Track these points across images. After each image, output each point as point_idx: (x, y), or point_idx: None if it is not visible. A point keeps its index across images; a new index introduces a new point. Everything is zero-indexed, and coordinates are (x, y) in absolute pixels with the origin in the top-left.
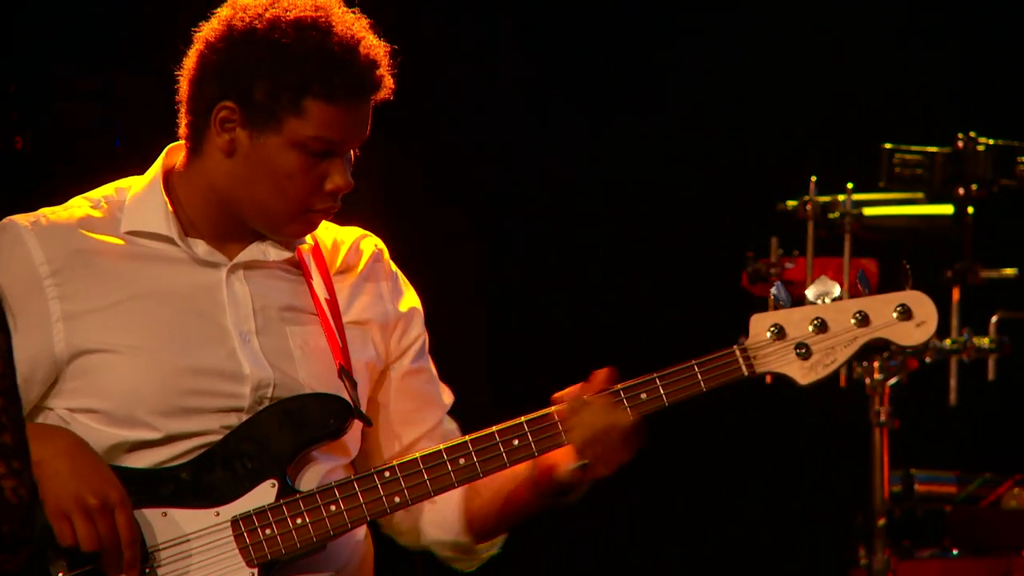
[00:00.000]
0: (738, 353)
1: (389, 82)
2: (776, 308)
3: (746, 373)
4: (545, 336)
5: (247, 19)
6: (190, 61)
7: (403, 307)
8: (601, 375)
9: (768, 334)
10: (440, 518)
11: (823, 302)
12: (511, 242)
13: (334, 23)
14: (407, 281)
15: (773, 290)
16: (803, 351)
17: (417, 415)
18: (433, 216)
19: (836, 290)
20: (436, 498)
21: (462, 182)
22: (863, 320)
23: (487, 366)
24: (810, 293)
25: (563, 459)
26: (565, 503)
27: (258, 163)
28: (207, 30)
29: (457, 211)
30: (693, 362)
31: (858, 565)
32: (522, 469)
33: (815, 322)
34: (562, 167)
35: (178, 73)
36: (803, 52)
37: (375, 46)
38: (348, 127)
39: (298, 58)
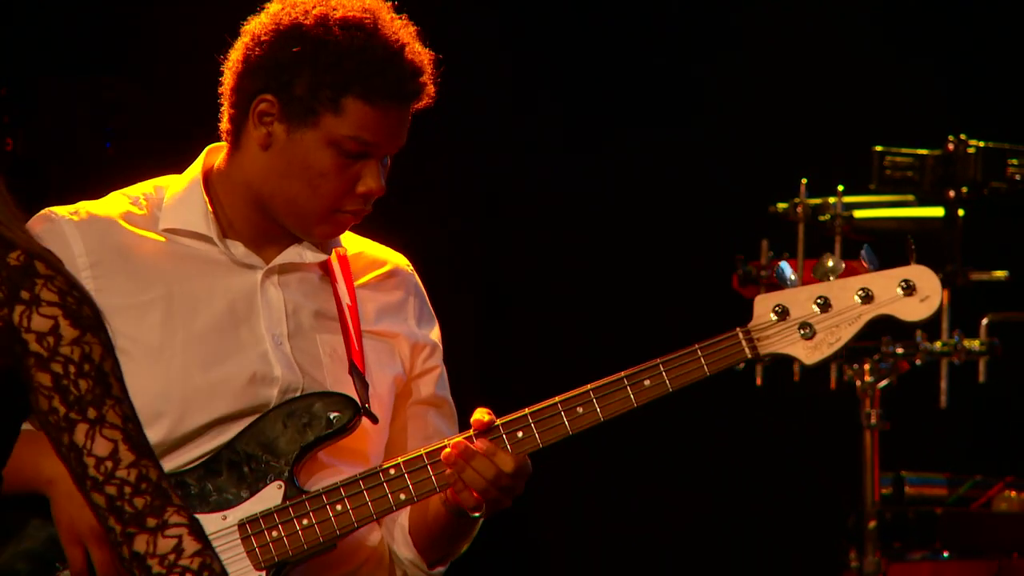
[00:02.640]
0: (741, 335)
1: (431, 90)
2: (778, 288)
3: (749, 355)
4: (535, 337)
5: (294, 14)
6: (235, 53)
7: (431, 335)
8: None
9: (772, 315)
10: (401, 537)
11: (827, 280)
12: (502, 244)
13: (381, 26)
14: (432, 311)
15: (777, 270)
16: (807, 331)
17: (428, 444)
18: (425, 214)
19: (841, 268)
20: (398, 519)
21: (456, 180)
22: (867, 297)
23: (478, 366)
24: (815, 271)
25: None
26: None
27: (293, 158)
28: (254, 23)
29: (451, 211)
30: (696, 346)
31: (849, 567)
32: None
33: (819, 301)
34: (554, 168)
35: (223, 65)
36: (793, 55)
37: (419, 53)
38: (385, 130)
39: (341, 56)
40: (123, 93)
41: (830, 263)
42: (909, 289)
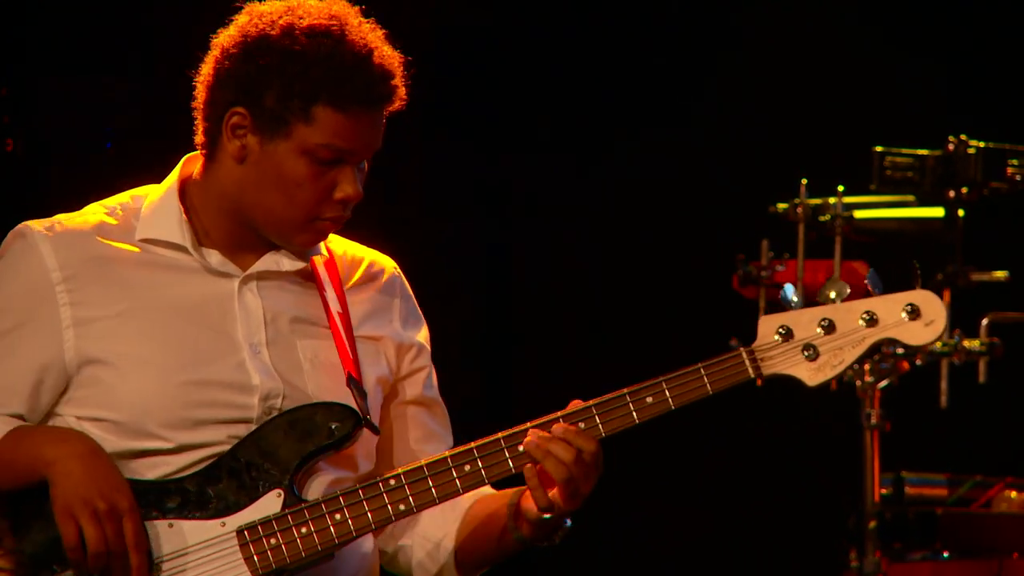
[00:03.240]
0: (745, 355)
1: (402, 93)
2: (785, 309)
3: (753, 375)
4: (538, 341)
5: (261, 26)
6: (206, 67)
7: (418, 336)
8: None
9: (776, 336)
10: (432, 550)
11: (833, 302)
12: (504, 249)
13: (348, 32)
14: (421, 313)
15: (781, 293)
16: (810, 352)
17: (424, 446)
18: (427, 222)
19: (847, 290)
20: (428, 530)
21: (456, 186)
22: (871, 320)
23: (483, 373)
24: (820, 294)
25: (530, 507)
26: (548, 543)
27: (268, 170)
28: (223, 36)
29: (451, 217)
30: (699, 365)
31: (849, 567)
32: (504, 510)
33: (823, 323)
34: (554, 169)
35: (195, 79)
36: (794, 55)
37: (389, 56)
38: (358, 136)
39: (308, 65)
40: (123, 93)
41: (835, 285)
42: (914, 313)
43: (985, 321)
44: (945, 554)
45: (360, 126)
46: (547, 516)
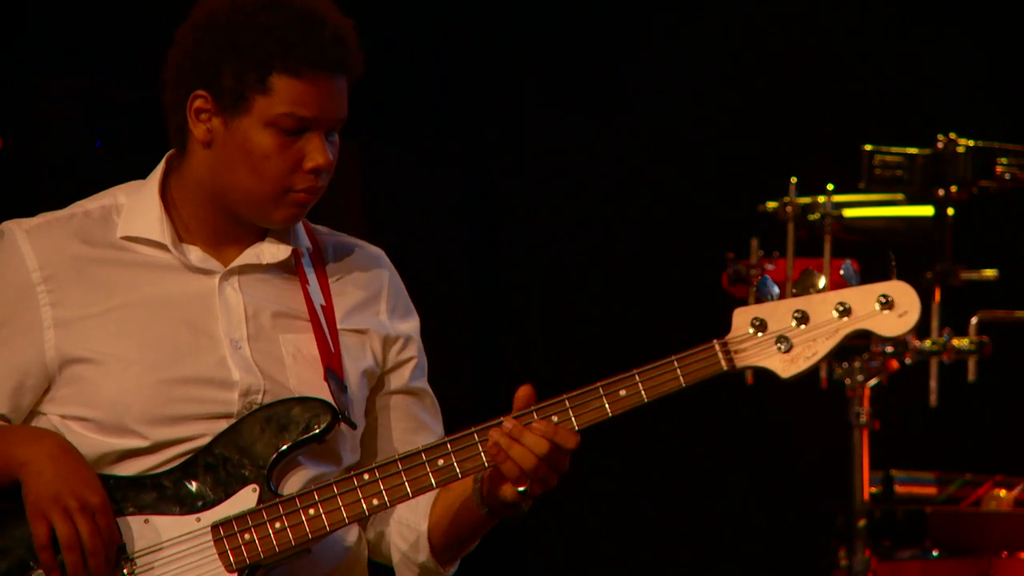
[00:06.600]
0: (718, 347)
1: (358, 59)
2: (760, 301)
3: (726, 367)
4: (528, 337)
5: (211, 8)
6: (168, 63)
7: (406, 327)
8: (522, 396)
9: (750, 328)
10: (406, 537)
11: (807, 294)
12: (494, 245)
13: (295, 2)
14: (411, 303)
15: (758, 284)
16: (784, 344)
17: (413, 436)
18: (417, 218)
19: (821, 282)
20: (404, 515)
21: (447, 184)
22: (845, 311)
23: (471, 367)
24: (797, 285)
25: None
26: (516, 516)
27: (234, 148)
28: (180, 29)
29: (441, 214)
30: (672, 358)
31: (839, 566)
32: (470, 488)
33: (797, 314)
34: (544, 169)
35: (161, 80)
36: (784, 53)
37: (340, 23)
38: (317, 102)
39: (259, 37)
40: (113, 92)
41: (812, 277)
42: (887, 304)
43: (974, 320)
44: (934, 552)
45: (319, 91)
46: (521, 489)
